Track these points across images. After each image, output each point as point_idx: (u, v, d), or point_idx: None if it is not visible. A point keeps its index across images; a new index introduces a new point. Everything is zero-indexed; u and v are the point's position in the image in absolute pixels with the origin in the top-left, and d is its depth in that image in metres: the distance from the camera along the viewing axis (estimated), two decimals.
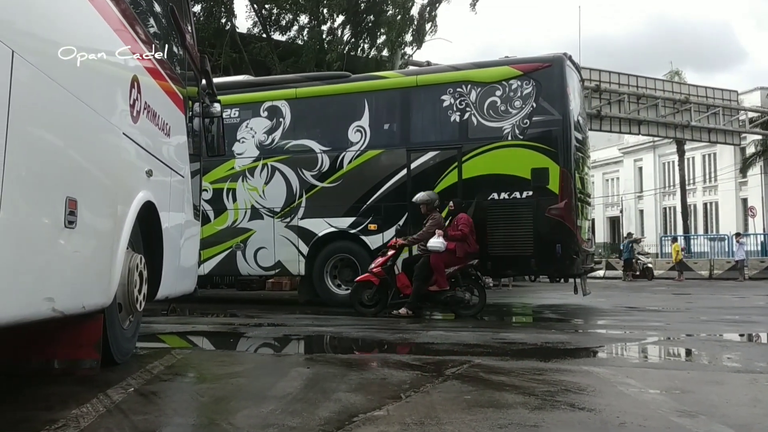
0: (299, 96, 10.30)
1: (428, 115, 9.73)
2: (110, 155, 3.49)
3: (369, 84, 10.18)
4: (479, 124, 9.19)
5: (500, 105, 9.11)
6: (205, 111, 5.83)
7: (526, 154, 8.89)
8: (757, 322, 8.08)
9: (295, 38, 20.97)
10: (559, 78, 9.05)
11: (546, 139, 8.86)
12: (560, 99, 8.98)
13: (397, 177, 9.54)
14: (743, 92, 31.89)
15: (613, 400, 3.17)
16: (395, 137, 9.90)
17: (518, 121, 8.98)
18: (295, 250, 9.99)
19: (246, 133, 10.43)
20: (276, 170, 10.17)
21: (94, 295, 3.29)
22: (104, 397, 3.11)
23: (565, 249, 8.64)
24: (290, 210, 10.04)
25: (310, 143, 10.13)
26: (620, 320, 8.32)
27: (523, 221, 8.80)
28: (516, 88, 9.06)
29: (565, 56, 9.26)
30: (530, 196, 8.78)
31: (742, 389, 3.57)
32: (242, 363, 4.45)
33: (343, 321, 8.02)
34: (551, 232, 8.66)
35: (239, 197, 10.27)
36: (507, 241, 8.86)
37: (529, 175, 8.80)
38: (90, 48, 3.20)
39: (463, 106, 9.29)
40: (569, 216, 8.69)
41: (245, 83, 11.49)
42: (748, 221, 32.60)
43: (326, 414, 2.86)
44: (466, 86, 9.31)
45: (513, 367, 4.19)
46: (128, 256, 3.78)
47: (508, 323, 8.39)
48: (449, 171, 9.24)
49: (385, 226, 9.53)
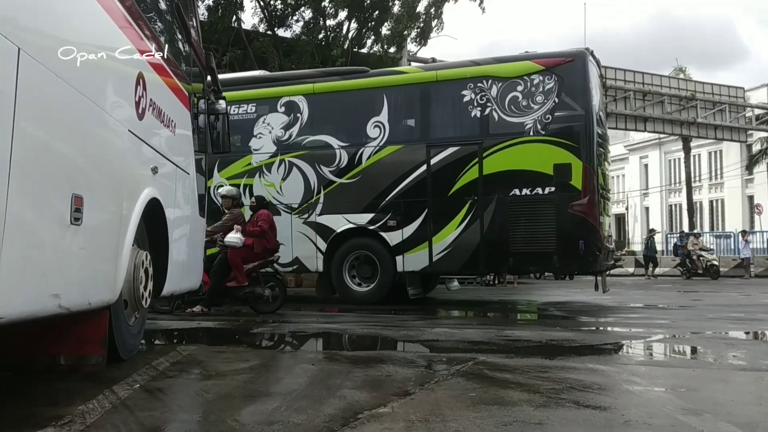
0: (317, 91, 10.24)
1: (448, 111, 9.69)
2: (116, 152, 3.50)
3: (388, 79, 10.15)
4: (500, 120, 9.15)
5: (522, 100, 9.06)
6: (210, 108, 5.84)
7: (548, 150, 8.85)
8: (762, 319, 8.05)
9: (300, 34, 20.98)
10: (582, 73, 9.00)
11: (568, 135, 8.82)
12: (583, 94, 8.93)
13: (416, 173, 9.49)
14: (750, 89, 31.74)
15: (618, 398, 3.16)
16: (415, 133, 9.86)
17: (540, 116, 8.93)
18: (313, 246, 9.95)
19: (263, 128, 10.38)
20: (293, 166, 10.12)
21: (100, 292, 3.30)
22: (110, 394, 3.12)
23: (589, 245, 8.62)
24: (308, 206, 10.00)
25: (328, 139, 10.08)
26: (625, 317, 8.30)
27: (545, 217, 8.78)
28: (538, 83, 9.01)
29: (587, 51, 9.21)
30: (552, 192, 8.76)
31: (748, 387, 3.56)
32: (247, 360, 4.46)
33: (348, 318, 8.03)
34: (574, 228, 8.64)
35: (256, 193, 10.08)
36: (529, 237, 8.86)
37: (552, 170, 8.76)
38: (95, 45, 3.20)
39: (484, 101, 9.24)
40: (592, 212, 8.66)
41: (262, 78, 11.46)
42: (754, 218, 32.47)
43: (331, 411, 2.86)
44: (486, 81, 9.26)
45: (518, 365, 4.18)
46: (134, 252, 3.79)
47: (512, 320, 8.38)
48: (470, 167, 9.19)
49: (404, 223, 9.48)
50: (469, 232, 9.13)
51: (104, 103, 3.27)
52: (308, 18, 21.01)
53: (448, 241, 9.23)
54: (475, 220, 9.11)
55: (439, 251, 9.29)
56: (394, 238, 9.50)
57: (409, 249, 9.45)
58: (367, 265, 9.89)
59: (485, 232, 9.06)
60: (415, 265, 9.49)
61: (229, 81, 11.40)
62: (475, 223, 9.11)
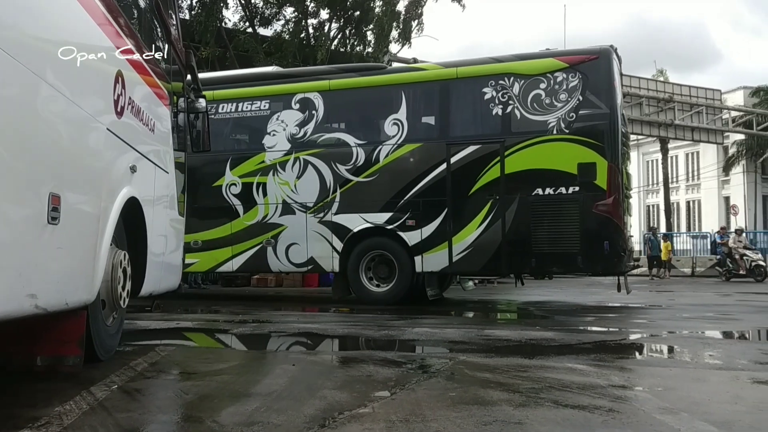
0: (333, 88, 10.05)
1: (469, 108, 9.56)
2: (94, 151, 3.46)
3: (406, 76, 10.02)
4: (523, 118, 9.00)
5: (545, 98, 8.92)
6: (190, 106, 5.79)
7: (572, 149, 8.73)
8: (738, 319, 8.16)
9: (282, 32, 20.91)
10: (607, 70, 8.88)
11: (593, 133, 8.70)
12: (607, 92, 8.83)
13: (436, 172, 9.31)
14: (726, 91, 32.22)
15: (596, 397, 3.19)
16: (434, 131, 9.68)
17: (564, 114, 8.80)
18: (329, 246, 9.75)
19: (277, 125, 10.16)
20: (309, 164, 9.90)
21: (78, 292, 3.27)
22: (88, 395, 3.09)
23: (613, 246, 8.52)
24: (324, 205, 9.79)
25: (344, 136, 9.91)
26: (603, 317, 8.37)
27: (568, 217, 8.68)
28: (561, 80, 8.88)
29: (611, 48, 9.05)
30: (577, 192, 8.63)
31: (724, 386, 3.61)
32: (227, 360, 4.44)
33: (328, 318, 8.03)
34: (599, 228, 8.54)
35: (270, 192, 10.01)
36: (552, 238, 8.75)
37: (576, 170, 8.63)
38: (73, 42, 3.17)
39: (506, 99, 9.09)
40: (617, 212, 8.55)
41: (276, 74, 11.29)
42: (731, 219, 32.93)
43: (311, 411, 2.86)
44: (508, 79, 9.11)
45: (497, 364, 4.21)
46: (112, 252, 3.76)
47: (493, 320, 8.42)
48: (491, 166, 9.03)
49: (423, 222, 9.31)
50: (490, 232, 8.97)
51: (82, 101, 3.24)
52: (290, 16, 20.96)
53: (469, 241, 9.06)
54: (497, 220, 8.95)
55: (460, 251, 9.12)
56: (413, 238, 9.34)
57: (428, 249, 9.28)
58: (384, 265, 9.72)
59: (507, 232, 8.91)
60: (434, 266, 9.34)
61: (242, 77, 11.30)
62: (496, 223, 8.95)
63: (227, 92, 10.42)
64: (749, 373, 4.04)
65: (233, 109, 10.40)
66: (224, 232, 10.11)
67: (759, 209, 37.29)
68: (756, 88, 34.70)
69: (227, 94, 10.39)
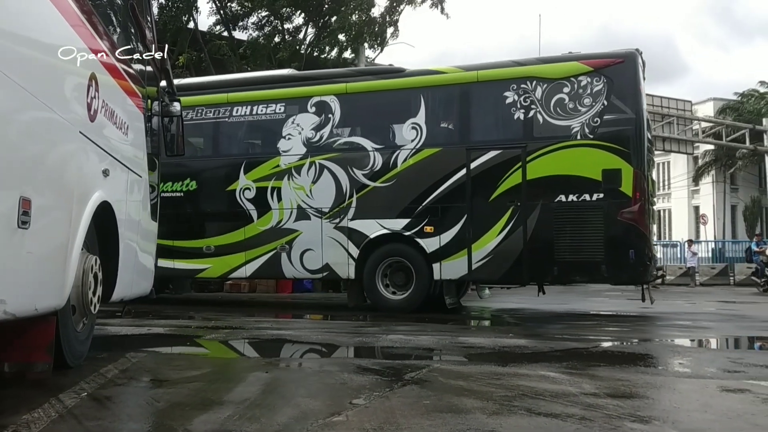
0: (350, 91, 9.88)
1: (489, 113, 9.44)
2: (66, 154, 3.41)
3: (426, 79, 9.73)
4: (545, 123, 8.84)
5: (568, 102, 8.75)
6: (165, 110, 5.74)
7: (596, 155, 8.57)
8: (707, 327, 8.29)
9: (257, 37, 20.87)
10: (633, 74, 8.73)
11: (618, 139, 8.54)
12: (633, 96, 8.68)
13: (455, 177, 9.12)
14: (696, 102, 32.80)
15: (569, 405, 3.21)
16: (454, 135, 9.57)
17: (588, 119, 8.63)
18: (345, 252, 9.55)
19: (292, 129, 9.97)
20: (324, 168, 9.71)
21: (47, 298, 3.21)
22: (56, 402, 3.03)
23: (639, 255, 8.36)
24: (339, 210, 9.60)
25: (361, 141, 9.74)
26: (575, 324, 8.42)
27: (592, 225, 8.50)
28: (585, 84, 8.72)
29: (637, 52, 8.88)
30: (601, 199, 8.45)
31: (694, 394, 3.66)
32: (199, 367, 4.39)
33: (302, 324, 8.00)
34: (624, 236, 8.38)
35: (285, 196, 9.84)
36: (575, 245, 8.56)
37: (600, 176, 8.47)
38: (46, 43, 3.13)
39: (528, 103, 8.91)
40: (643, 220, 8.40)
41: (291, 77, 11.13)
42: (700, 228, 33.48)
43: (285, 419, 2.84)
44: (531, 82, 8.95)
45: (471, 372, 4.22)
46: (83, 257, 3.71)
47: (467, 327, 8.44)
48: (513, 171, 8.85)
49: (442, 229, 9.13)
50: (511, 240, 8.79)
51: (54, 103, 3.19)
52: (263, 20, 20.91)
53: (489, 249, 8.88)
54: (518, 227, 8.76)
55: (479, 259, 8.93)
56: (431, 245, 9.16)
57: (447, 256, 9.09)
58: (401, 272, 9.51)
59: (528, 239, 8.72)
60: (453, 273, 9.14)
61: (256, 80, 11.16)
62: (517, 230, 8.77)
63: (242, 95, 10.31)
64: (718, 381, 4.10)
65: (248, 112, 10.26)
66: (237, 237, 9.97)
67: (728, 219, 37.98)
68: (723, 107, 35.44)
69: (242, 97, 10.28)
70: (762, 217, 37.80)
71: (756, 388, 3.80)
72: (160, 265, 10.15)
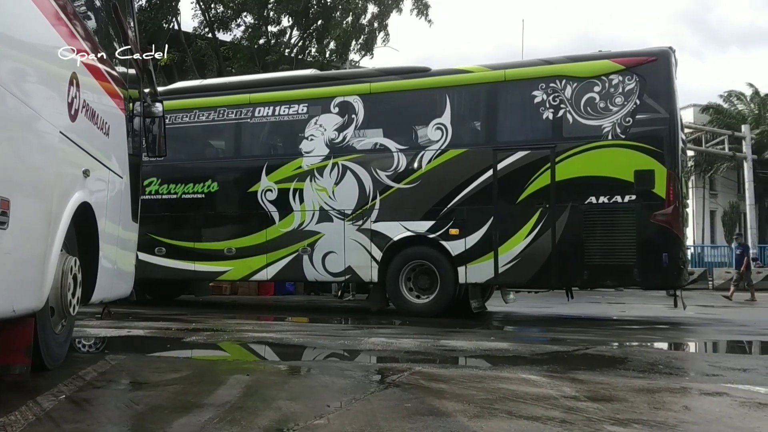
0: (374, 91, 9.75)
1: (517, 113, 9.26)
2: (46, 154, 3.38)
3: (451, 78, 9.52)
4: (575, 122, 8.67)
5: (599, 102, 8.56)
6: (147, 111, 5.71)
7: (628, 155, 8.36)
8: (687, 330, 8.37)
9: (241, 39, 20.81)
10: (666, 73, 8.53)
11: (651, 139, 8.34)
12: (667, 95, 8.49)
13: (481, 178, 8.94)
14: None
15: (549, 408, 3.23)
16: (480, 135, 9.44)
17: (620, 119, 8.44)
18: (368, 255, 9.41)
19: (315, 130, 9.86)
20: (347, 170, 9.59)
21: (25, 299, 3.17)
22: (34, 405, 3.00)
23: (673, 258, 8.19)
24: (363, 212, 9.47)
25: (385, 141, 9.57)
26: (556, 328, 8.46)
27: (624, 228, 8.31)
28: (617, 83, 8.53)
29: (670, 50, 8.68)
30: (633, 201, 8.25)
31: (673, 397, 3.69)
32: (179, 370, 4.36)
33: (284, 327, 7.96)
34: (657, 239, 8.19)
35: (307, 198, 9.72)
36: (606, 249, 8.38)
37: (632, 177, 8.28)
38: (26, 43, 3.10)
39: (557, 102, 8.73)
40: (677, 222, 8.25)
41: (314, 77, 11.00)
42: None
43: (266, 423, 2.83)
44: (560, 81, 8.77)
45: (453, 375, 4.23)
46: (62, 258, 3.67)
47: (449, 330, 8.43)
48: (541, 172, 8.66)
49: (468, 231, 8.94)
50: (539, 242, 8.60)
51: (34, 102, 3.15)
52: (249, 23, 20.87)
53: (517, 252, 8.69)
54: (547, 230, 8.57)
55: (506, 262, 8.75)
56: (456, 248, 8.96)
57: (473, 259, 8.90)
58: (425, 275, 9.33)
59: (557, 242, 8.53)
60: (479, 277, 8.95)
61: (279, 80, 11.06)
62: (546, 233, 8.57)
63: (264, 96, 10.23)
64: (697, 384, 4.14)
65: (270, 113, 10.17)
66: (259, 239, 9.88)
67: (707, 224, 38.36)
68: (705, 105, 35.79)
69: (264, 97, 10.21)
70: (740, 223, 38.19)
71: (733, 391, 3.85)
72: (182, 267, 10.32)
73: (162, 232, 10.37)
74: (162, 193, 10.48)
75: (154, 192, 10.46)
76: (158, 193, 10.48)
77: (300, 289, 16.00)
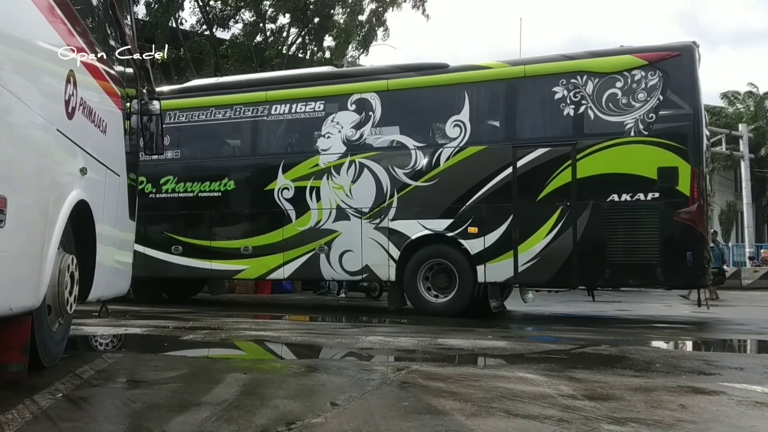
0: (391, 88, 9.64)
1: (537, 109, 9.12)
2: (43, 152, 3.37)
3: (470, 75, 9.37)
4: (597, 119, 8.51)
5: (621, 97, 8.42)
6: (144, 108, 5.69)
7: (651, 152, 8.22)
8: (683, 329, 8.38)
9: (239, 36, 20.79)
10: (690, 68, 8.38)
11: (675, 135, 8.19)
12: (691, 91, 8.33)
13: (501, 176, 8.83)
14: None
15: (547, 407, 3.23)
16: (499, 133, 9.30)
17: (642, 115, 8.29)
18: (385, 253, 9.32)
19: (332, 127, 9.78)
20: (365, 168, 9.50)
21: (22, 297, 3.17)
22: (31, 403, 2.99)
23: (697, 257, 8.06)
24: (380, 211, 9.38)
25: (402, 139, 9.47)
26: (553, 327, 8.48)
27: (647, 226, 8.19)
28: (640, 79, 8.38)
29: (694, 45, 8.54)
30: (656, 198, 8.12)
31: (670, 396, 3.70)
32: (176, 368, 4.35)
33: (282, 325, 7.97)
34: (681, 238, 8.05)
35: (324, 196, 9.65)
36: (628, 247, 8.28)
37: (656, 174, 8.13)
38: (23, 39, 3.09)
39: (578, 98, 8.59)
40: (701, 220, 8.15)
41: (331, 74, 10.95)
42: None
43: (263, 421, 2.82)
44: (581, 77, 8.62)
45: (450, 373, 4.23)
46: (59, 256, 3.66)
47: (446, 329, 8.44)
48: (562, 170, 8.53)
49: (486, 229, 8.82)
50: (560, 241, 8.47)
51: (31, 100, 3.14)
52: (247, 20, 20.84)
53: (537, 251, 8.57)
54: (567, 228, 8.44)
55: (526, 261, 8.63)
56: (475, 246, 8.85)
57: (492, 258, 8.78)
58: (443, 274, 9.23)
59: (579, 240, 8.40)
60: (498, 276, 8.84)
61: (296, 77, 10.97)
62: (567, 231, 8.44)
63: (280, 93, 10.18)
64: (694, 383, 4.14)
65: (286, 111, 10.10)
66: (276, 237, 9.84)
67: None
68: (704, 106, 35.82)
69: (280, 95, 10.16)
70: (737, 221, 38.26)
71: (730, 390, 3.86)
72: (198, 266, 10.30)
73: (179, 230, 10.39)
74: (179, 191, 10.46)
75: (171, 190, 10.46)
76: (175, 192, 10.46)
77: (297, 288, 16.00)
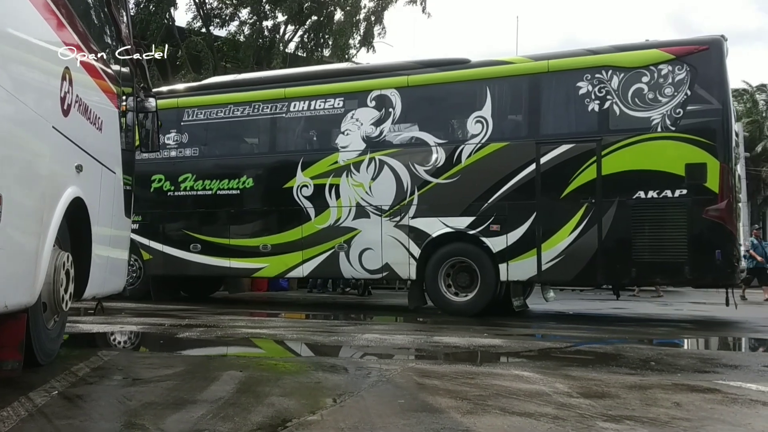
0: (411, 84, 9.47)
1: (561, 104, 8.91)
2: (38, 149, 3.36)
3: (492, 70, 9.19)
4: (622, 114, 8.30)
5: (647, 93, 8.20)
6: (140, 106, 5.69)
7: (679, 148, 8.01)
8: (679, 328, 8.40)
9: (236, 34, 20.75)
10: (718, 62, 8.14)
11: (703, 131, 7.96)
12: (719, 86, 8.11)
13: (524, 173, 8.64)
14: None
15: (542, 405, 3.24)
16: (522, 129, 9.11)
17: (669, 110, 8.07)
18: (405, 251, 9.19)
19: (351, 124, 9.64)
20: (384, 165, 9.36)
21: (18, 294, 3.16)
22: (26, 401, 2.99)
23: (726, 255, 7.86)
24: (400, 208, 9.23)
25: (423, 135, 9.32)
26: (550, 325, 8.48)
27: (675, 223, 7.99)
28: (666, 73, 8.16)
29: (722, 38, 8.29)
30: (684, 195, 7.92)
31: (665, 394, 3.71)
32: (172, 365, 4.35)
33: (278, 323, 7.96)
34: (710, 236, 7.87)
35: (343, 194, 9.53)
36: (655, 245, 8.07)
37: (683, 171, 7.93)
38: (18, 37, 3.08)
39: (603, 93, 8.40)
40: (730, 218, 7.91)
41: (350, 71, 10.79)
42: None
43: (259, 419, 2.83)
44: (606, 72, 8.42)
45: (446, 371, 4.24)
46: (55, 253, 3.65)
47: (442, 327, 8.45)
48: (586, 166, 8.34)
49: (509, 227, 8.65)
50: (584, 239, 8.28)
51: (27, 97, 3.14)
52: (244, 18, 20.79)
53: (561, 248, 8.38)
54: (592, 225, 8.26)
55: (550, 259, 8.44)
56: (498, 244, 8.69)
57: (515, 256, 8.61)
58: (464, 273, 9.05)
59: (604, 238, 8.21)
60: (521, 274, 8.68)
61: (314, 74, 10.88)
62: (592, 229, 8.26)
63: (299, 90, 10.08)
64: (689, 380, 4.16)
65: (305, 108, 9.99)
66: (295, 235, 9.76)
67: None
68: None
69: (299, 92, 10.06)
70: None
71: (725, 388, 3.87)
72: (217, 264, 10.26)
73: (197, 228, 10.36)
74: (197, 189, 10.41)
75: (189, 188, 10.43)
76: (193, 190, 10.43)
77: (293, 285, 15.99)
